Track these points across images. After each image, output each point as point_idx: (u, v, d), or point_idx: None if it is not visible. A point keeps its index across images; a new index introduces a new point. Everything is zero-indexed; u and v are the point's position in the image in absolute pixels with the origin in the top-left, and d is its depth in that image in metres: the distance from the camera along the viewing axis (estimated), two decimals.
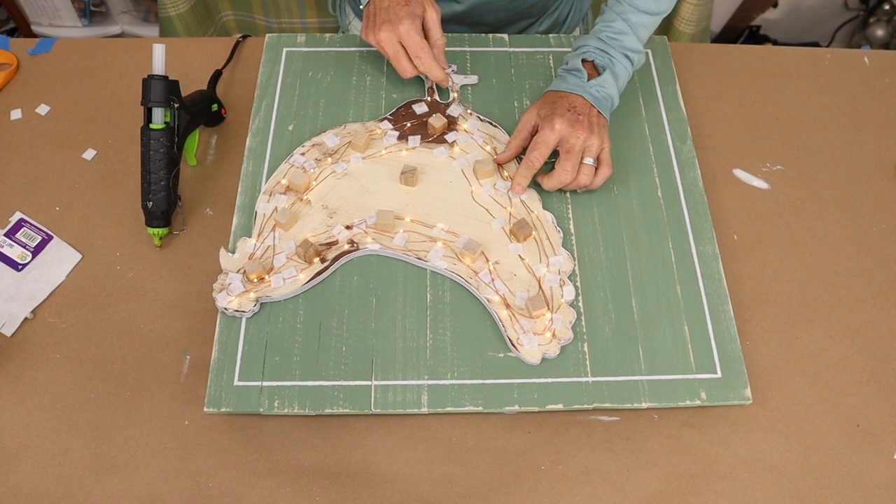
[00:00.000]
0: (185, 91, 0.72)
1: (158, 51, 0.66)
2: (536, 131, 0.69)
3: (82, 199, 0.73)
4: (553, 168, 0.68)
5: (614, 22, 0.72)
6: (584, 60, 0.72)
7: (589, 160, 0.67)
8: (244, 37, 0.85)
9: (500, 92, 0.78)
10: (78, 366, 0.64)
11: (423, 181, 0.70)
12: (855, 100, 0.83)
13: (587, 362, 0.62)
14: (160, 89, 0.66)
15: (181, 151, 0.69)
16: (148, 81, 0.65)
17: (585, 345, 0.62)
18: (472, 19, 0.87)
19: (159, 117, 0.66)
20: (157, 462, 0.60)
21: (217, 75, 0.79)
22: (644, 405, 0.60)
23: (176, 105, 0.67)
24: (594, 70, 0.72)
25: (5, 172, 0.74)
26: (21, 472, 0.59)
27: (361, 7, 0.74)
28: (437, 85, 0.77)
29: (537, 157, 0.67)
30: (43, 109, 0.79)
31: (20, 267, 0.68)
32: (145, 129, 0.66)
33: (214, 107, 0.75)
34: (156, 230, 0.68)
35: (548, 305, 0.63)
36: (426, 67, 0.71)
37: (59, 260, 0.69)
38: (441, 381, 0.60)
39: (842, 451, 0.62)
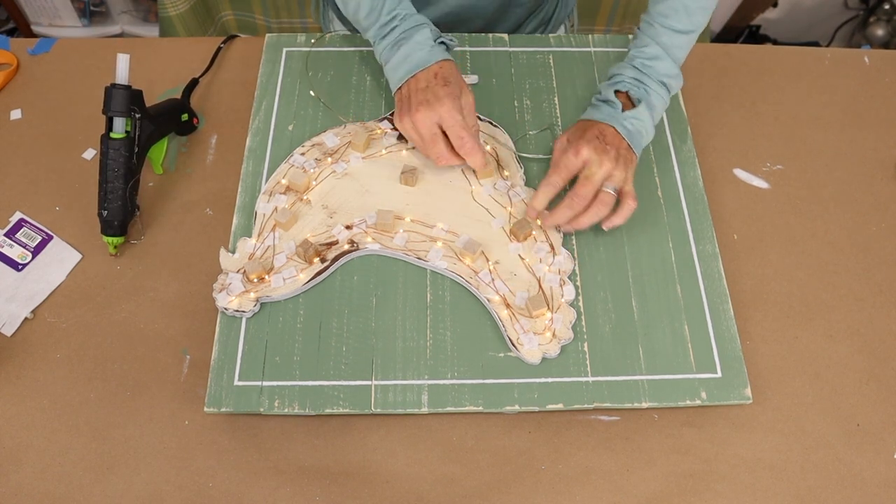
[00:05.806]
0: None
1: (122, 61, 0.65)
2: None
3: (82, 199, 0.73)
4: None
5: (647, 47, 0.68)
6: (617, 91, 0.69)
7: (609, 188, 0.63)
8: (228, 39, 0.84)
9: (500, 92, 0.78)
10: (78, 366, 0.64)
11: (423, 181, 0.70)
12: (855, 99, 0.83)
13: (587, 362, 0.62)
14: (121, 99, 0.65)
15: (142, 161, 0.69)
16: (109, 90, 0.65)
17: (585, 344, 0.62)
18: (458, 20, 0.85)
19: (120, 126, 0.66)
20: (157, 462, 0.60)
21: (193, 84, 0.79)
22: (644, 405, 0.60)
23: (137, 115, 0.66)
24: (629, 101, 0.68)
25: (5, 172, 0.74)
26: (21, 472, 0.59)
27: (394, 93, 0.68)
28: None
29: (557, 180, 0.64)
30: (42, 109, 0.79)
31: (20, 267, 0.68)
32: (105, 137, 0.65)
33: (185, 116, 0.74)
34: (111, 239, 0.67)
35: (548, 305, 0.63)
36: (468, 150, 0.65)
37: (59, 260, 0.69)
38: (441, 381, 0.60)
39: (842, 451, 0.62)
